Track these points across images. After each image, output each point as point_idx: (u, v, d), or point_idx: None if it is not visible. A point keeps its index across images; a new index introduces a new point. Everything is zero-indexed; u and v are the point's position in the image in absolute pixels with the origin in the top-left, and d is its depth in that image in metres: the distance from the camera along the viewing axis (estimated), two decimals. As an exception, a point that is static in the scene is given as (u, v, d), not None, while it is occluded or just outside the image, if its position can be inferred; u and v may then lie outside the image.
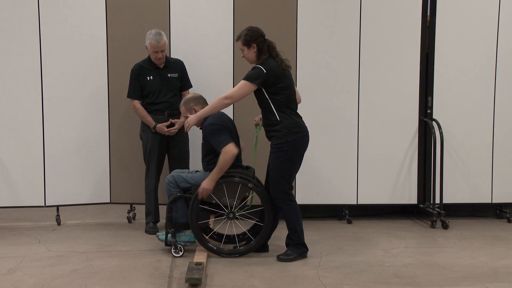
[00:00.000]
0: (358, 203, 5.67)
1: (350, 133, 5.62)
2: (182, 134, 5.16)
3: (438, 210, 5.48)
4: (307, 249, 4.43)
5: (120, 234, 5.14)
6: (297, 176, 5.55)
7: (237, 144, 4.38)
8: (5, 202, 5.39)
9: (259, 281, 3.87)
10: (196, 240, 4.40)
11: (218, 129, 4.32)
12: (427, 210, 5.63)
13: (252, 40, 4.25)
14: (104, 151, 5.49)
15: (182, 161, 5.19)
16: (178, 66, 5.18)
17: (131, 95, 5.11)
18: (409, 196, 5.71)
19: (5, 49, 5.29)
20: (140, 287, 3.75)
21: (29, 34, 5.29)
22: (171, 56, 5.34)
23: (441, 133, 5.51)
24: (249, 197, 4.46)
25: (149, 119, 5.07)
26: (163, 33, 5.00)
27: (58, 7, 5.32)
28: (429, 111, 5.67)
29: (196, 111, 4.45)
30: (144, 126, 5.13)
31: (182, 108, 4.59)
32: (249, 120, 5.54)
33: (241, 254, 4.40)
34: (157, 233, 4.63)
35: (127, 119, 5.42)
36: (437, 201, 5.53)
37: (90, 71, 5.40)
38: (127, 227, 5.42)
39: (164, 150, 5.17)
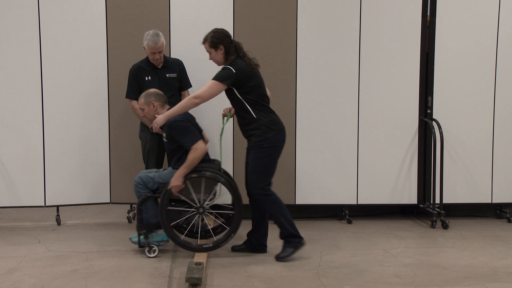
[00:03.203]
0: (358, 203, 5.68)
1: (350, 133, 5.62)
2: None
3: (438, 210, 5.48)
4: (300, 238, 4.38)
5: (120, 234, 5.13)
6: (297, 176, 5.59)
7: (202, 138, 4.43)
8: (5, 202, 5.39)
9: (259, 281, 3.87)
10: (169, 239, 4.40)
11: (186, 126, 4.32)
12: (427, 210, 5.63)
13: (219, 42, 4.25)
14: (104, 151, 5.49)
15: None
16: (177, 66, 5.18)
17: (130, 95, 5.11)
18: (409, 196, 5.72)
19: (5, 49, 5.29)
20: (140, 287, 3.75)
21: (29, 34, 5.29)
22: (171, 56, 5.34)
23: (441, 133, 5.51)
24: (217, 190, 4.42)
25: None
26: (161, 34, 4.99)
27: (58, 7, 5.33)
28: (429, 111, 5.68)
29: (154, 107, 4.46)
30: (143, 126, 5.13)
31: (142, 100, 4.54)
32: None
33: (216, 246, 4.37)
34: (130, 236, 4.61)
35: (127, 119, 5.43)
36: (437, 201, 5.53)
37: (90, 71, 5.40)
38: (127, 227, 5.42)
39: (163, 150, 5.16)
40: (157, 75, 5.07)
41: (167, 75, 5.11)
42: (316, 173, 5.61)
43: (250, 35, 5.47)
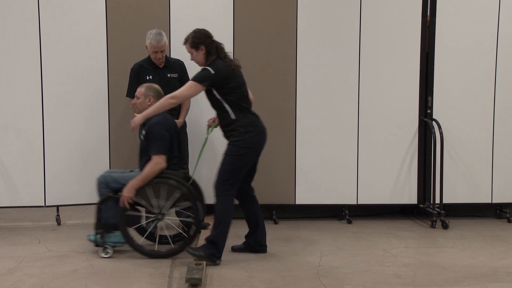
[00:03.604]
0: (358, 203, 5.68)
1: (350, 132, 5.62)
2: (181, 134, 5.15)
3: (438, 210, 5.48)
4: (218, 256, 4.21)
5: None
6: (297, 176, 5.59)
7: (176, 148, 4.41)
8: (5, 202, 5.39)
9: (259, 281, 3.87)
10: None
11: (163, 135, 4.31)
12: (427, 210, 5.63)
13: (200, 42, 4.23)
14: (104, 151, 5.49)
15: (181, 161, 5.18)
16: (178, 66, 5.18)
17: (130, 94, 5.10)
18: (409, 196, 5.72)
19: (5, 49, 5.29)
20: (140, 287, 3.75)
21: (29, 34, 5.29)
22: (171, 56, 5.34)
23: (441, 133, 5.51)
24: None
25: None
26: (163, 33, 5.00)
27: (58, 7, 5.33)
28: (429, 111, 5.68)
29: (150, 102, 4.43)
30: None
31: (142, 89, 4.49)
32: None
33: (174, 253, 4.35)
34: (89, 234, 4.55)
35: (127, 119, 5.40)
36: (437, 201, 5.53)
37: (90, 71, 5.40)
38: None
39: None
40: (158, 74, 5.07)
41: (168, 75, 5.11)
42: (316, 173, 5.61)
43: (250, 35, 5.47)
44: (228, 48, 5.42)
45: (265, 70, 5.52)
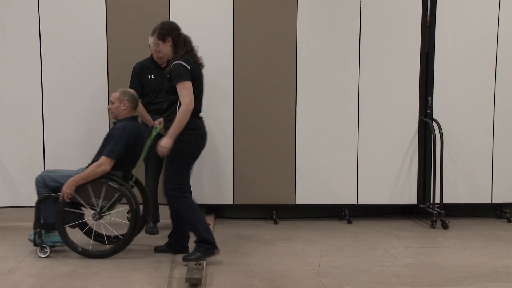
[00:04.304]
0: (358, 203, 5.68)
1: (350, 133, 5.62)
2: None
3: (438, 210, 5.48)
4: (213, 247, 4.18)
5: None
6: (297, 176, 5.59)
7: (130, 157, 4.35)
8: (5, 202, 5.39)
9: (259, 281, 3.87)
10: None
11: (122, 139, 4.27)
12: (427, 210, 5.63)
13: (167, 33, 4.18)
14: (104, 151, 5.48)
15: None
16: None
17: None
18: (409, 196, 5.72)
19: (5, 48, 5.30)
20: (140, 287, 3.75)
21: (29, 33, 5.30)
22: (171, 56, 5.34)
23: (441, 133, 5.51)
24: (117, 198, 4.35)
25: (148, 118, 5.06)
26: None
27: (58, 7, 5.33)
28: (429, 111, 5.68)
29: (125, 106, 4.40)
30: (144, 126, 5.12)
31: (117, 94, 4.46)
32: (248, 120, 5.55)
33: (108, 254, 4.34)
34: (31, 234, 4.47)
35: (127, 119, 5.42)
36: (437, 201, 5.53)
37: (90, 71, 5.40)
38: (127, 227, 5.40)
39: None
40: (160, 74, 5.07)
41: (168, 75, 5.10)
42: (316, 173, 5.61)
43: (250, 35, 5.47)
44: (228, 48, 5.49)
45: (265, 70, 5.52)
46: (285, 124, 5.57)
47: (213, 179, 5.56)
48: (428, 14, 5.63)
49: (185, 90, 4.07)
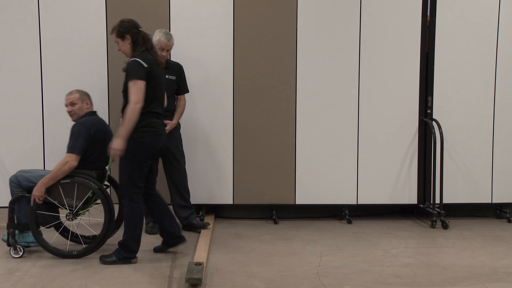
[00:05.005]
0: (358, 203, 5.68)
1: (350, 132, 5.62)
2: (175, 135, 5.12)
3: (438, 210, 5.48)
4: (132, 256, 4.22)
5: (120, 234, 5.10)
6: (297, 176, 5.58)
7: (104, 150, 4.24)
8: (5, 202, 5.38)
9: (259, 281, 3.87)
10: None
11: (82, 133, 4.26)
12: (427, 210, 5.63)
13: (125, 31, 4.15)
14: (104, 151, 5.48)
15: (177, 161, 5.17)
16: (177, 69, 5.19)
17: None
18: (409, 196, 5.72)
19: (5, 49, 5.30)
20: (140, 287, 3.75)
21: (29, 34, 5.30)
22: (171, 57, 5.34)
23: (441, 133, 5.51)
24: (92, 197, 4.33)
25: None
26: (172, 34, 5.03)
27: (58, 7, 5.33)
28: (429, 111, 5.68)
29: (88, 105, 4.45)
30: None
31: (77, 95, 4.45)
32: (248, 120, 5.55)
33: (81, 255, 4.32)
34: (4, 235, 4.47)
35: (127, 119, 5.42)
36: (437, 201, 5.53)
37: (90, 71, 5.40)
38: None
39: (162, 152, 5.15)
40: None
41: (167, 77, 5.11)
42: (316, 173, 5.61)
43: (250, 35, 5.47)
44: (228, 48, 5.49)
45: (265, 70, 5.52)
46: (285, 124, 5.57)
47: (213, 179, 5.56)
48: (428, 14, 5.63)
49: (134, 88, 3.99)
